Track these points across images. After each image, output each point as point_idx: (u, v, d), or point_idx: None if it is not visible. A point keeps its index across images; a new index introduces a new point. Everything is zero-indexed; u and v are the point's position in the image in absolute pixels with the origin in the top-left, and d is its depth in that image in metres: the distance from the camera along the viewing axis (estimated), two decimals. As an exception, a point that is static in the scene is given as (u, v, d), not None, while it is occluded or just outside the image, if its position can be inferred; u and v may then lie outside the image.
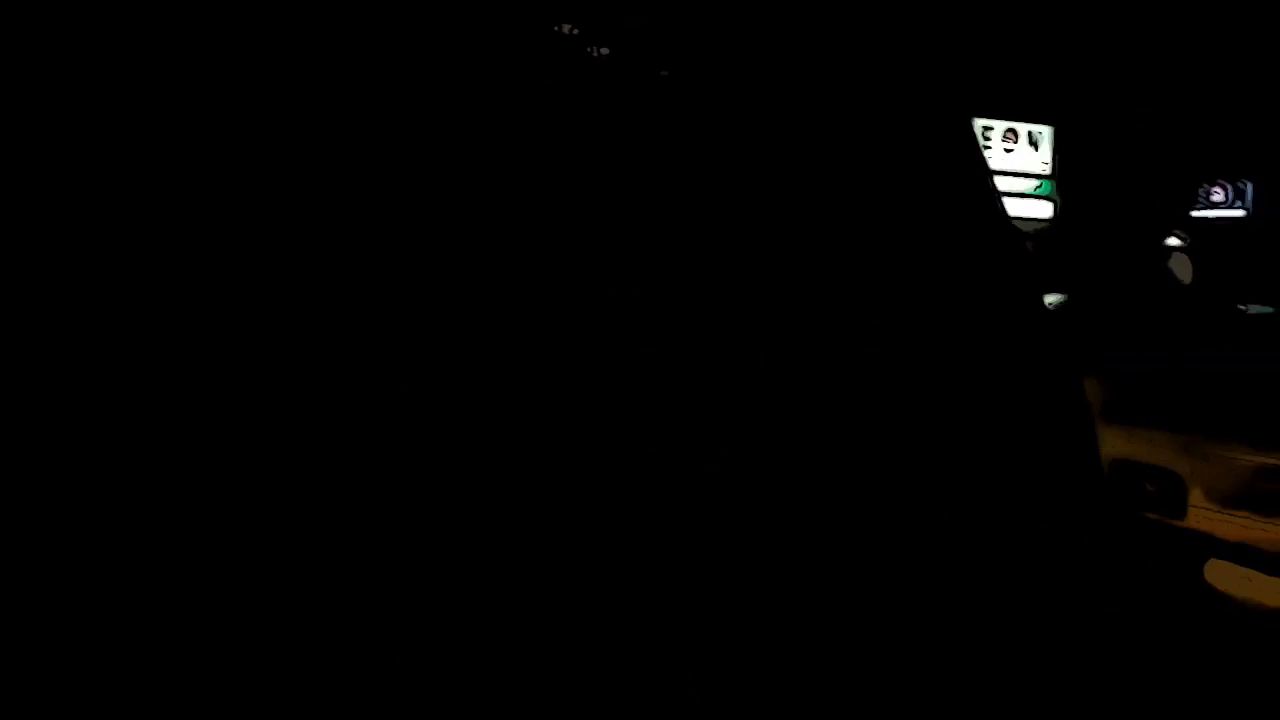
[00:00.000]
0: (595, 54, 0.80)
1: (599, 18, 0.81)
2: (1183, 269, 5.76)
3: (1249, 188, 6.01)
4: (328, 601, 0.69)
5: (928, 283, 0.81)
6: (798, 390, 0.78)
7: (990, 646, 0.78)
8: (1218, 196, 6.14)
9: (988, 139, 10.45)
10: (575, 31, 0.78)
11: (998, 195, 0.84)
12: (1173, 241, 6.11)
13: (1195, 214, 6.20)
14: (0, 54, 0.68)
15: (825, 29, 0.85)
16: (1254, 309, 5.63)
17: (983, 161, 0.87)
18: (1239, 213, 6.07)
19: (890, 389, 0.79)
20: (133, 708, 0.64)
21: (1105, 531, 0.83)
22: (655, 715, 0.73)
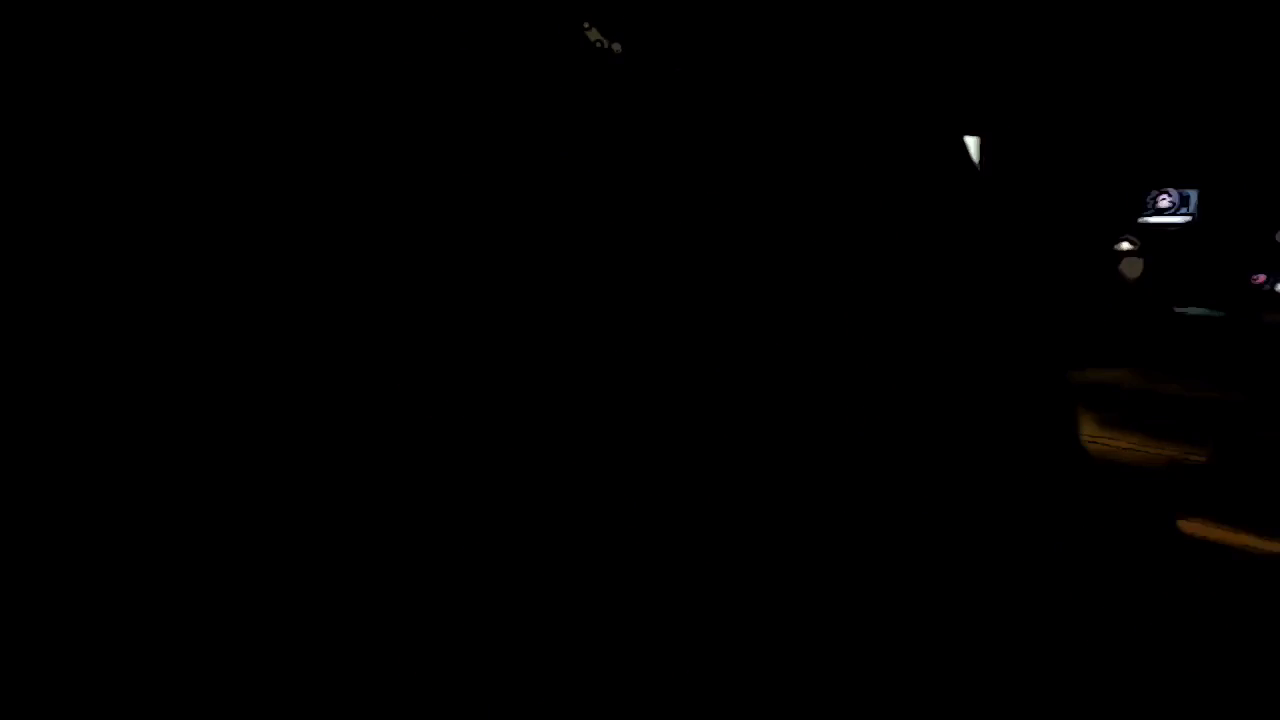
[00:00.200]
0: (607, 50, 0.79)
1: (598, 19, 0.80)
2: (1133, 272, 5.91)
3: (1194, 194, 6.18)
4: (327, 601, 0.68)
5: (927, 284, 0.82)
6: (798, 390, 0.79)
7: (989, 646, 0.79)
8: (1164, 202, 6.30)
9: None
10: (590, 27, 0.78)
11: (993, 199, 0.86)
12: (1124, 246, 6.27)
13: (1142, 220, 6.36)
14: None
15: (827, 31, 0.85)
16: (1193, 311, 5.78)
17: (974, 167, 0.89)
18: (1185, 219, 6.23)
19: (890, 389, 0.80)
20: (133, 708, 0.62)
21: (1105, 531, 0.84)
22: (655, 715, 0.73)
